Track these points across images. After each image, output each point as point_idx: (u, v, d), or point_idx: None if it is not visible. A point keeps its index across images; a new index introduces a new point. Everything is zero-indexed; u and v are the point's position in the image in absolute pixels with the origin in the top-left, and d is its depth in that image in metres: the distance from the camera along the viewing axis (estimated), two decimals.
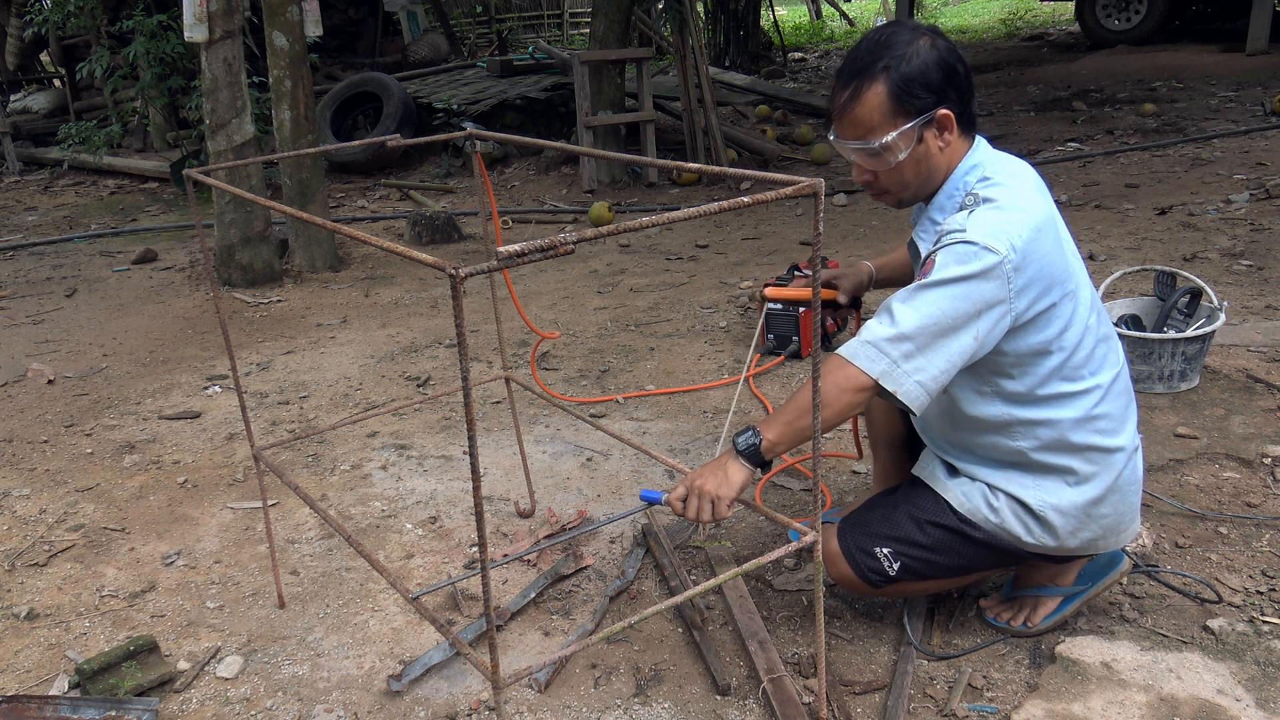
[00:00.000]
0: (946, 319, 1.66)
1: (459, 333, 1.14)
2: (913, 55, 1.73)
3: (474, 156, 2.21)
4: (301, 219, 1.55)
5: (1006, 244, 1.65)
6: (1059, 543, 1.88)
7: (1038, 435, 1.83)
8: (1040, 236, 1.69)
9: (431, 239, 6.04)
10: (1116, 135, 7.46)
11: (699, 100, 7.21)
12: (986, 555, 1.93)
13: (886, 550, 1.92)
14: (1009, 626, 2.08)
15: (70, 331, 4.72)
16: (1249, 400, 3.04)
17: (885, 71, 1.72)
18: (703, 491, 1.71)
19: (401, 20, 12.05)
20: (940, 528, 1.91)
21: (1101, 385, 1.82)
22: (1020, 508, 1.86)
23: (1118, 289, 3.89)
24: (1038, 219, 1.71)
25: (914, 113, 1.74)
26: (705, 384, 3.55)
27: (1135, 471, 1.91)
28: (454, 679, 2.07)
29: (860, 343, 1.70)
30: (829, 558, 1.97)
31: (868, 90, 1.74)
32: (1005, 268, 1.65)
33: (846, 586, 2.00)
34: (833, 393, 1.67)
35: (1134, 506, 1.93)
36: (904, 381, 1.67)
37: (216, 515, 2.86)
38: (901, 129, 1.74)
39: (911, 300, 1.68)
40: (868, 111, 1.75)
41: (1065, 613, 2.07)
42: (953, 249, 1.68)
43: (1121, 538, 1.94)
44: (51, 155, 9.38)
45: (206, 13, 4.81)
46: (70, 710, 1.94)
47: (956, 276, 1.65)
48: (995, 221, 1.68)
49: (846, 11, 18.88)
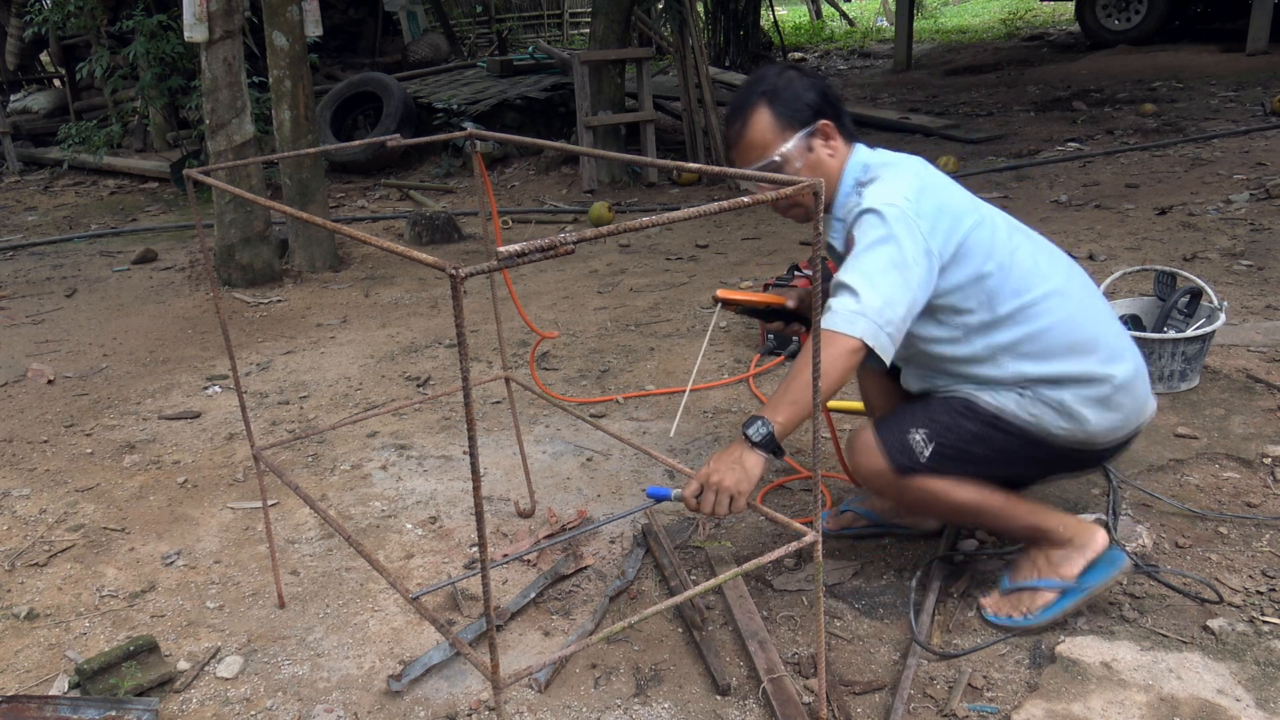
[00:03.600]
0: (886, 272, 1.84)
1: (459, 333, 1.14)
2: (784, 83, 2.01)
3: (474, 156, 2.21)
4: (301, 219, 1.55)
5: (900, 197, 1.89)
6: (1088, 433, 2.00)
7: (1024, 351, 1.98)
8: (926, 184, 1.95)
9: (431, 239, 6.04)
10: (1116, 135, 7.46)
11: (699, 100, 7.22)
12: (1016, 448, 2.01)
13: (921, 433, 1.99)
14: (1009, 621, 2.07)
15: (70, 331, 4.73)
16: (1249, 400, 3.04)
17: (763, 96, 2.01)
18: (721, 486, 1.72)
19: (401, 20, 12.05)
20: (974, 417, 2.01)
21: (1058, 288, 1.99)
22: (1045, 403, 1.99)
23: (1118, 289, 3.89)
24: (918, 177, 1.97)
25: (798, 125, 2.00)
26: (705, 384, 3.55)
27: (1134, 355, 2.06)
28: (454, 679, 2.07)
29: (834, 314, 1.83)
30: (860, 446, 2.03)
31: (753, 115, 2.01)
32: (908, 215, 1.87)
33: (871, 475, 2.03)
34: (827, 361, 1.77)
35: (1145, 390, 2.07)
36: (879, 336, 1.81)
37: (216, 515, 2.86)
38: (791, 140, 1.99)
39: (852, 270, 1.86)
40: (759, 133, 2.00)
41: (1065, 608, 2.05)
42: (862, 220, 1.91)
43: (1143, 417, 2.08)
44: (51, 155, 9.38)
45: (206, 13, 4.81)
46: (70, 710, 1.94)
47: (875, 238, 1.87)
48: (883, 190, 1.93)
49: (846, 11, 18.89)
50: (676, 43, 7.29)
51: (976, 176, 6.57)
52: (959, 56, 12.64)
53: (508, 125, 8.51)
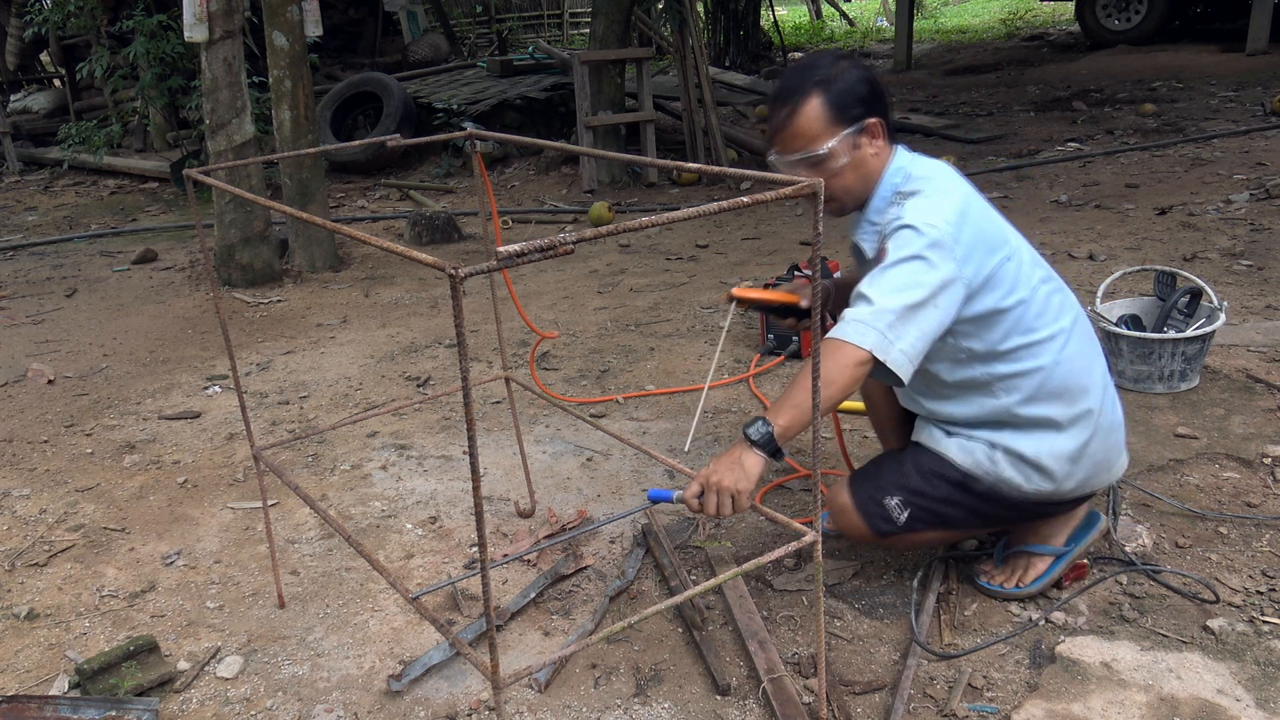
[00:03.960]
0: (911, 291, 1.82)
1: (459, 333, 1.14)
2: (839, 73, 1.94)
3: (474, 156, 2.21)
4: (301, 219, 1.55)
5: (941, 220, 1.86)
6: (1056, 486, 2.02)
7: (1019, 387, 1.98)
8: (967, 210, 1.91)
9: (431, 239, 6.04)
10: (1116, 135, 7.46)
11: (699, 100, 7.21)
12: (989, 506, 2.06)
13: (896, 500, 2.04)
14: (1001, 589, 2.16)
15: (70, 331, 4.73)
16: (1249, 400, 3.04)
17: (819, 86, 1.93)
18: (721, 487, 1.73)
19: (401, 20, 12.05)
20: (945, 480, 2.04)
21: (1065, 329, 1.99)
22: (1016, 458, 2.00)
23: (1118, 289, 3.89)
24: (960, 199, 1.92)
25: (849, 121, 1.93)
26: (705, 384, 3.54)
27: (1115, 409, 2.09)
28: (454, 679, 2.07)
29: (846, 323, 1.83)
30: (838, 509, 2.09)
31: (805, 105, 1.93)
32: (946, 240, 1.85)
33: (853, 536, 2.11)
34: (834, 370, 1.77)
35: (1119, 442, 2.11)
36: (890, 351, 1.80)
37: (216, 515, 2.86)
38: (840, 136, 1.93)
39: (877, 281, 1.85)
40: (808, 123, 1.93)
41: (1054, 574, 2.17)
42: (899, 234, 1.88)
43: (1113, 473, 2.11)
44: (51, 155, 9.38)
45: (206, 13, 4.80)
46: (70, 710, 1.94)
47: (909, 255, 1.84)
48: (927, 206, 1.89)
49: (846, 11, 18.88)
50: (676, 43, 7.28)
51: (977, 176, 6.57)
52: (959, 56, 12.64)
53: (508, 125, 8.51)
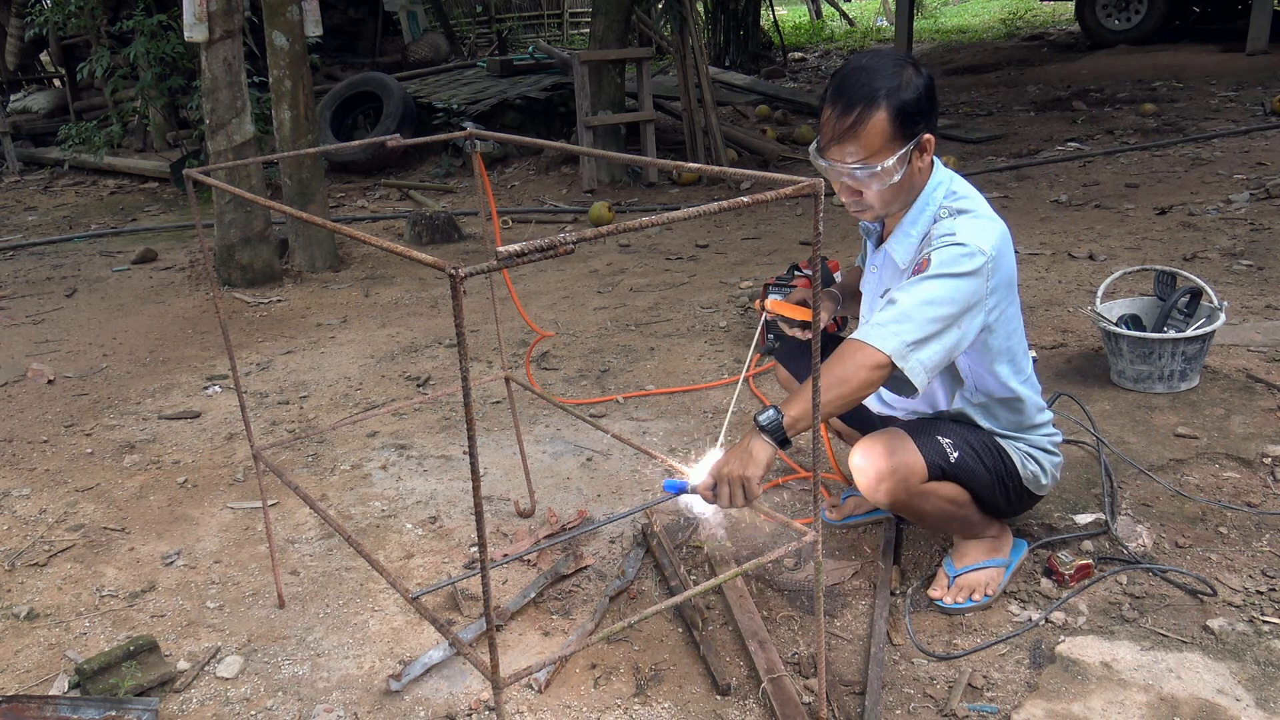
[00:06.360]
0: (941, 306, 1.85)
1: (459, 333, 1.14)
2: (906, 84, 1.88)
3: (474, 156, 2.21)
4: (301, 219, 1.55)
5: (990, 246, 1.90)
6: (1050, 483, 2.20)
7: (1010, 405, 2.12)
8: (1005, 245, 1.95)
9: (431, 239, 6.04)
10: (1116, 135, 7.45)
11: (699, 100, 7.21)
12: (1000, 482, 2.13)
13: (948, 440, 2.08)
14: (970, 604, 2.18)
15: (70, 331, 4.72)
16: (1249, 400, 3.04)
17: (887, 99, 1.87)
18: (731, 476, 1.73)
19: (401, 20, 12.06)
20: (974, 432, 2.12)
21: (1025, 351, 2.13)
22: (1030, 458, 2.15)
23: (1118, 289, 3.89)
24: (1003, 229, 1.97)
25: (909, 137, 1.90)
26: (705, 384, 3.54)
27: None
28: (454, 679, 2.07)
29: (871, 326, 1.86)
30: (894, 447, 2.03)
31: (871, 117, 1.87)
32: (987, 268, 1.89)
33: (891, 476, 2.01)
34: (852, 369, 1.81)
35: None
36: (909, 358, 1.82)
37: (216, 515, 2.86)
38: (899, 152, 1.90)
39: (913, 289, 1.87)
40: (871, 136, 1.88)
41: (1005, 582, 2.24)
42: (948, 249, 1.89)
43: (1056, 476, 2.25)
44: (51, 155, 9.38)
45: (206, 13, 4.80)
46: (70, 710, 1.94)
47: (951, 271, 1.87)
48: (977, 228, 1.92)
49: (846, 11, 18.88)
50: (676, 43, 7.28)
51: (977, 176, 6.56)
52: (959, 56, 12.64)
53: (508, 125, 8.51)
